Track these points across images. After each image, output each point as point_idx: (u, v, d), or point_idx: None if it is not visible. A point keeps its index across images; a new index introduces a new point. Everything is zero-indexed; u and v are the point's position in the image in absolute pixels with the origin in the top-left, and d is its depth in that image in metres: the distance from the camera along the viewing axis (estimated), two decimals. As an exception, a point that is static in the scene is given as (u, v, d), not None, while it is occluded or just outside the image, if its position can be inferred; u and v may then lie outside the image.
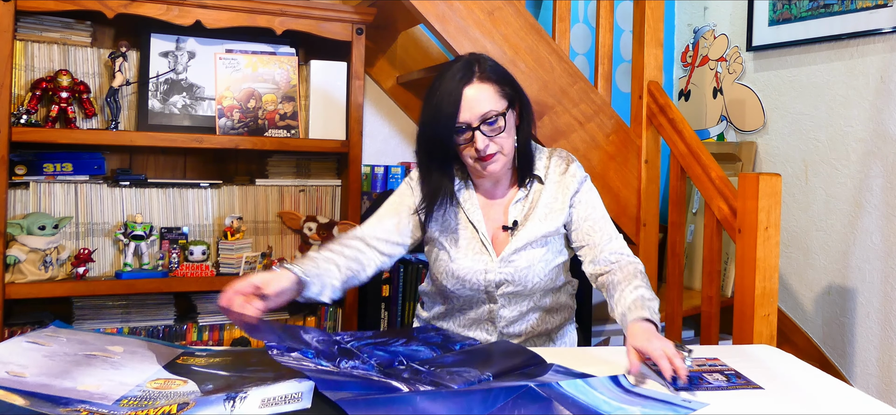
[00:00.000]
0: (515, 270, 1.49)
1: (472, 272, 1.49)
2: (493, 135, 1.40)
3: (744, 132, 2.92)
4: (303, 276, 1.34)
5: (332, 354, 1.23)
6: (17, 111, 1.91)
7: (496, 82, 1.42)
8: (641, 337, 1.23)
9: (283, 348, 1.18)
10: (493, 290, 1.50)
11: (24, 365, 1.10)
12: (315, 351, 1.22)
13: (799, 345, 2.64)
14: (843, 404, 1.16)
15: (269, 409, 0.98)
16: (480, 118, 1.39)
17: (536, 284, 1.51)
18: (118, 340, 1.32)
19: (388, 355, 1.28)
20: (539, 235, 1.49)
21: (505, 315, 1.52)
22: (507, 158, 1.46)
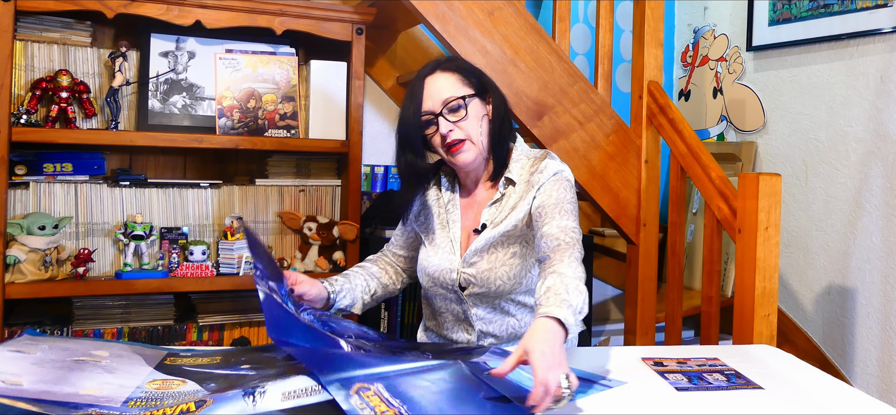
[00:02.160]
0: (477, 272, 1.48)
1: (440, 271, 1.52)
2: (457, 120, 1.44)
3: (744, 132, 2.92)
4: (330, 290, 1.50)
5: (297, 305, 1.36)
6: (17, 111, 1.91)
7: (458, 71, 1.48)
8: (537, 343, 1.08)
9: (264, 275, 1.27)
10: (459, 291, 1.51)
11: (17, 373, 1.09)
12: (287, 293, 1.36)
13: (799, 345, 2.64)
14: (843, 404, 1.16)
15: (291, 402, 0.98)
16: (443, 103, 1.44)
17: (501, 286, 1.47)
18: (98, 344, 1.32)
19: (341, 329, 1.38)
20: (499, 235, 1.47)
21: (478, 314, 1.52)
22: (477, 147, 1.47)
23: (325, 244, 2.24)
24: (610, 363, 1.33)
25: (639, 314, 2.34)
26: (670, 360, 1.34)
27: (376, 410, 1.00)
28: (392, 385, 1.09)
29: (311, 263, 2.22)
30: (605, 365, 1.33)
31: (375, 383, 1.08)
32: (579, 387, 1.11)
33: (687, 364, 1.31)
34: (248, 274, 2.11)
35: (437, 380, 1.14)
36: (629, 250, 2.37)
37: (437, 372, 1.16)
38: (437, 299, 1.57)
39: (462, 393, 1.10)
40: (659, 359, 1.34)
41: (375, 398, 1.04)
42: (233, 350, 1.36)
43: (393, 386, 1.09)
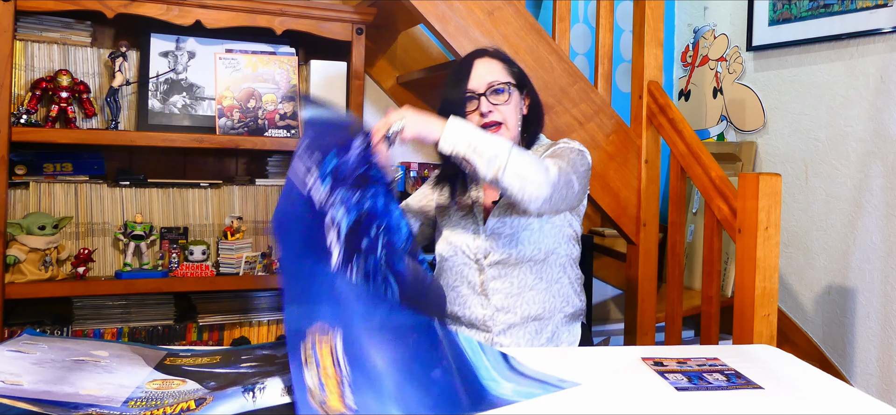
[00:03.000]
0: (501, 233, 1.54)
1: (462, 237, 1.58)
2: (498, 103, 1.54)
3: (744, 132, 2.92)
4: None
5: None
6: (17, 111, 1.91)
7: (504, 61, 1.60)
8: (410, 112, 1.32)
9: (309, 150, 1.23)
10: (481, 258, 1.55)
11: (17, 373, 1.09)
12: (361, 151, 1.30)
13: (799, 345, 2.64)
14: (843, 404, 1.16)
15: (291, 396, 0.98)
16: (487, 86, 1.53)
17: (523, 251, 1.53)
18: (98, 344, 1.32)
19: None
20: None
21: (496, 287, 1.54)
22: (511, 134, 1.56)
23: (325, 244, 2.24)
24: (610, 363, 1.33)
25: (639, 314, 2.34)
26: (670, 360, 1.34)
27: (321, 370, 0.98)
28: (350, 338, 1.05)
29: (311, 263, 2.22)
30: (605, 365, 1.33)
31: (336, 328, 1.05)
32: (528, 391, 1.12)
33: (687, 364, 1.31)
34: (248, 273, 2.12)
35: (402, 337, 1.10)
36: (629, 250, 2.37)
37: (407, 328, 1.12)
38: (453, 272, 1.60)
39: (420, 363, 1.08)
40: (659, 359, 1.34)
41: (326, 352, 1.01)
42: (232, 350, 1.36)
43: (351, 340, 1.05)
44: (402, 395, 1.03)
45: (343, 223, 1.23)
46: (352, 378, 1.01)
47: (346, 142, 1.31)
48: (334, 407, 0.97)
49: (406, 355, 1.09)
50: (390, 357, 1.07)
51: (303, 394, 0.98)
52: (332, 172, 1.25)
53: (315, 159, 1.24)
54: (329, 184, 1.24)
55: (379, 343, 1.08)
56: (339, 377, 1.01)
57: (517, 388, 1.14)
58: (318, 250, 1.18)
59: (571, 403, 1.12)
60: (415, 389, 1.05)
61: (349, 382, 1.01)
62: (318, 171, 1.23)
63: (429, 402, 1.04)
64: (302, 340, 1.03)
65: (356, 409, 0.98)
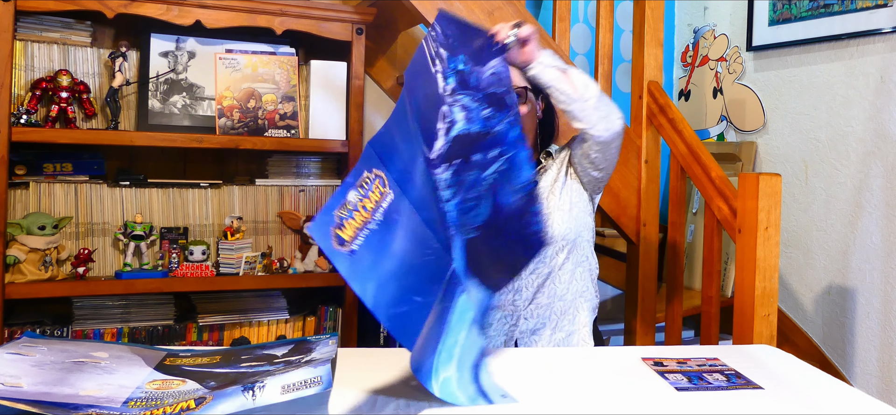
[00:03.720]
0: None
1: None
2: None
3: (744, 132, 2.92)
4: None
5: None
6: (17, 111, 1.91)
7: (521, 69, 1.59)
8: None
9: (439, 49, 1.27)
10: None
11: (17, 375, 1.09)
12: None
13: (799, 345, 2.64)
14: (843, 404, 1.16)
15: (290, 394, 0.98)
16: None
17: (555, 231, 1.57)
18: (97, 345, 1.32)
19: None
20: (549, 183, 1.61)
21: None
22: (528, 138, 1.58)
23: (325, 244, 2.24)
24: (610, 363, 1.33)
25: (639, 314, 2.34)
26: (670, 360, 1.34)
27: (362, 202, 1.17)
28: (395, 208, 1.20)
29: (311, 262, 2.22)
30: (605, 365, 1.33)
31: (393, 189, 1.20)
32: (455, 396, 1.11)
33: (687, 364, 1.31)
34: (248, 273, 2.12)
35: (422, 246, 1.20)
36: (629, 250, 2.37)
37: (432, 250, 1.21)
38: None
39: (415, 278, 1.18)
40: (659, 359, 1.34)
41: (374, 197, 1.19)
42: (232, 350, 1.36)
43: (394, 210, 1.20)
44: (385, 284, 1.15)
45: (457, 125, 1.25)
46: (372, 233, 1.13)
47: (480, 51, 1.30)
48: (345, 236, 1.12)
49: (414, 263, 1.18)
50: (404, 250, 1.17)
51: (335, 202, 1.17)
52: (459, 73, 1.27)
53: (442, 54, 1.28)
54: (453, 84, 1.27)
55: (406, 234, 1.18)
56: (366, 222, 1.11)
57: (452, 387, 1.11)
58: (423, 121, 1.25)
59: (571, 403, 1.12)
60: (395, 292, 1.15)
61: (369, 233, 1.13)
62: (442, 65, 1.27)
63: (396, 314, 1.15)
64: (371, 167, 1.18)
65: (355, 251, 1.12)
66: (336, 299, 2.30)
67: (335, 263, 1.19)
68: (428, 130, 1.24)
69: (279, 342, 1.32)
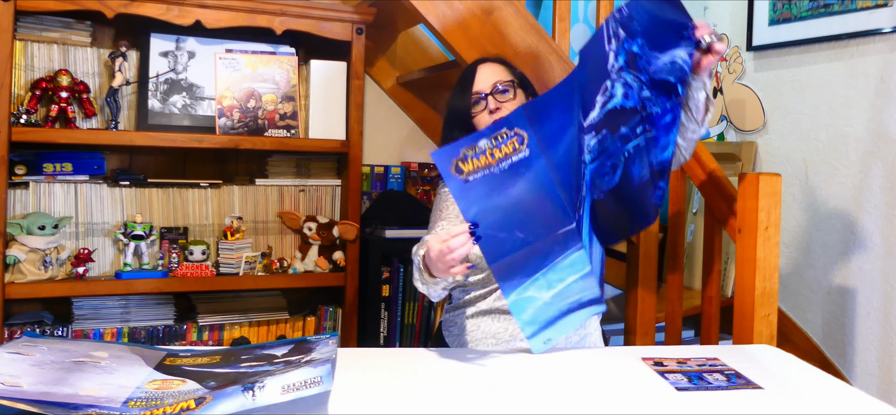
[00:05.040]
0: None
1: None
2: (504, 101, 1.60)
3: (744, 132, 2.92)
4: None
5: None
6: (17, 111, 1.91)
7: (506, 65, 1.68)
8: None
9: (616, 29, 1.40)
10: None
11: (17, 375, 1.09)
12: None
13: (799, 345, 2.64)
14: (843, 404, 1.16)
15: (290, 394, 0.98)
16: (492, 86, 1.60)
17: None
18: (97, 345, 1.32)
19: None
20: None
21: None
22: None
23: (324, 244, 2.24)
24: (610, 363, 1.33)
25: (639, 314, 2.34)
26: (670, 360, 1.34)
27: (497, 140, 1.31)
28: (533, 161, 1.34)
29: (311, 262, 2.22)
30: (605, 365, 1.33)
31: (528, 141, 1.33)
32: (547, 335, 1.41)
33: (687, 364, 1.31)
34: (248, 273, 2.12)
35: (548, 196, 1.37)
36: (629, 250, 2.37)
37: (556, 202, 1.38)
38: (484, 273, 1.58)
39: (527, 218, 1.36)
40: (659, 359, 1.34)
41: (512, 143, 1.33)
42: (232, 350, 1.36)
43: (531, 161, 1.34)
44: (490, 211, 1.29)
45: (614, 99, 1.40)
46: (492, 175, 1.28)
47: (667, 35, 1.40)
48: (464, 168, 1.27)
49: (527, 207, 1.33)
50: (521, 195, 1.32)
51: (466, 142, 1.28)
52: (630, 54, 1.38)
53: (620, 34, 1.38)
54: (622, 62, 1.39)
55: (529, 186, 1.32)
56: (489, 166, 1.28)
57: (533, 305, 1.38)
58: (585, 93, 1.38)
59: (571, 403, 1.12)
60: (499, 219, 1.31)
61: (488, 174, 1.28)
62: (617, 43, 1.38)
63: (494, 236, 1.30)
64: (513, 126, 1.30)
65: (469, 181, 1.28)
66: (336, 299, 2.30)
67: (448, 182, 1.29)
68: (587, 102, 1.39)
69: (279, 342, 1.32)
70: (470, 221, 1.29)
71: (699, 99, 1.49)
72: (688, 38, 1.40)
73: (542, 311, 1.39)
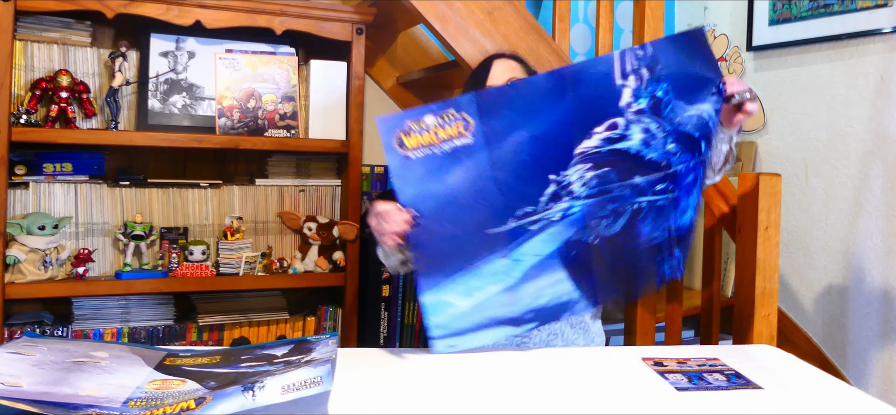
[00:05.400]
0: None
1: None
2: None
3: (744, 132, 2.92)
4: None
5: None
6: (17, 111, 1.91)
7: (520, 62, 1.66)
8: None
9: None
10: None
11: (17, 375, 1.09)
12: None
13: (799, 345, 2.64)
14: (843, 404, 1.16)
15: (291, 395, 0.98)
16: (506, 82, 1.57)
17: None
18: (97, 345, 1.32)
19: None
20: None
21: None
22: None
23: (325, 244, 2.24)
24: (610, 363, 1.33)
25: (639, 314, 2.34)
26: (670, 360, 1.34)
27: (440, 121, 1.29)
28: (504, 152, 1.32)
29: (311, 262, 2.22)
30: (605, 365, 1.33)
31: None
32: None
33: (687, 364, 1.31)
34: (248, 274, 2.12)
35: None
36: (629, 250, 2.37)
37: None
38: None
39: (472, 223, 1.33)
40: (659, 359, 1.34)
41: (454, 126, 1.31)
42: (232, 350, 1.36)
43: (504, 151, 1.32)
44: (425, 197, 1.29)
45: (628, 142, 1.33)
46: (434, 156, 1.28)
47: (695, 87, 1.33)
48: (407, 142, 1.27)
49: (462, 200, 1.30)
50: (458, 185, 1.29)
51: (412, 114, 1.28)
52: (655, 99, 1.32)
53: (642, 74, 1.31)
54: (644, 105, 1.32)
55: (467, 176, 1.29)
56: (432, 144, 1.28)
57: (447, 311, 1.35)
58: (577, 116, 1.32)
59: (571, 403, 1.12)
60: (432, 208, 1.29)
61: (431, 154, 1.28)
62: (637, 82, 1.31)
63: (424, 226, 1.29)
64: (461, 109, 1.28)
65: (411, 159, 1.27)
66: (336, 299, 2.30)
67: (388, 157, 1.28)
68: (580, 127, 1.32)
69: (279, 342, 1.32)
70: (405, 205, 1.28)
71: (722, 150, 1.44)
72: (717, 93, 1.34)
73: (458, 320, 1.34)
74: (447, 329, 1.34)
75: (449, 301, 1.32)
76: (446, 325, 1.34)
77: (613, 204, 1.35)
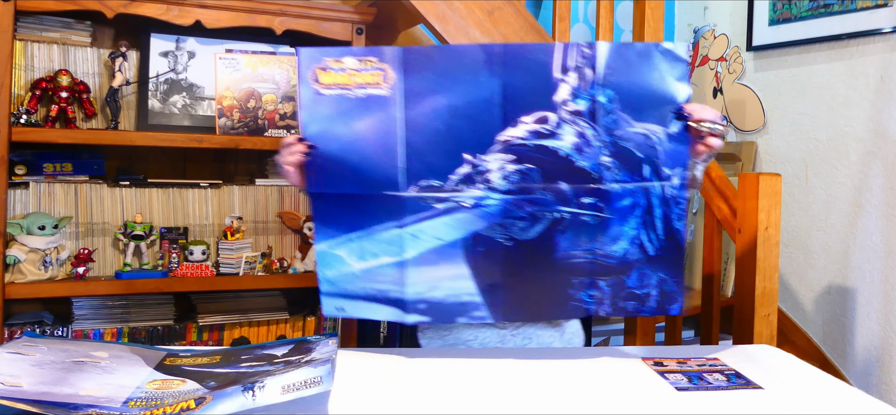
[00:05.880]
0: None
1: None
2: None
3: (744, 132, 2.92)
4: None
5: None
6: (17, 111, 1.91)
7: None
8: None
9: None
10: None
11: (17, 375, 1.09)
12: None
13: (799, 345, 2.64)
14: (843, 404, 1.16)
15: (290, 395, 0.98)
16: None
17: None
18: (97, 345, 1.32)
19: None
20: None
21: None
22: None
23: (325, 244, 2.24)
24: (610, 363, 1.33)
25: (639, 314, 2.34)
26: (670, 360, 1.34)
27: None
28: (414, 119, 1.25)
29: (311, 262, 2.22)
30: (605, 365, 1.33)
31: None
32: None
33: (687, 364, 1.31)
34: (248, 274, 2.11)
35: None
36: (629, 250, 2.37)
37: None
38: None
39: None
40: (659, 359, 1.34)
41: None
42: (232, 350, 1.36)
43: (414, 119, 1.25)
44: (330, 139, 1.25)
45: (557, 141, 1.23)
46: (346, 98, 1.25)
47: (648, 112, 1.23)
48: (322, 79, 1.24)
49: (365, 152, 1.25)
50: (364, 134, 1.24)
51: (334, 52, 1.24)
52: (596, 103, 1.22)
53: (586, 74, 1.22)
54: (582, 107, 1.23)
55: (376, 126, 1.24)
56: (346, 86, 1.24)
57: (339, 268, 1.31)
58: (506, 98, 1.23)
59: (571, 403, 1.12)
60: (334, 151, 1.26)
61: (343, 95, 1.24)
62: (578, 81, 1.22)
63: (325, 167, 1.27)
64: (384, 60, 1.23)
65: (323, 95, 1.25)
66: (336, 299, 2.30)
67: (300, 88, 1.24)
68: (507, 111, 1.23)
69: (279, 342, 1.32)
70: (308, 138, 1.25)
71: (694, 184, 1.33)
72: (680, 118, 1.22)
73: (348, 281, 1.30)
74: (336, 288, 1.30)
75: (342, 256, 1.29)
76: (336, 282, 1.30)
77: (532, 207, 1.26)
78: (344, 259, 1.29)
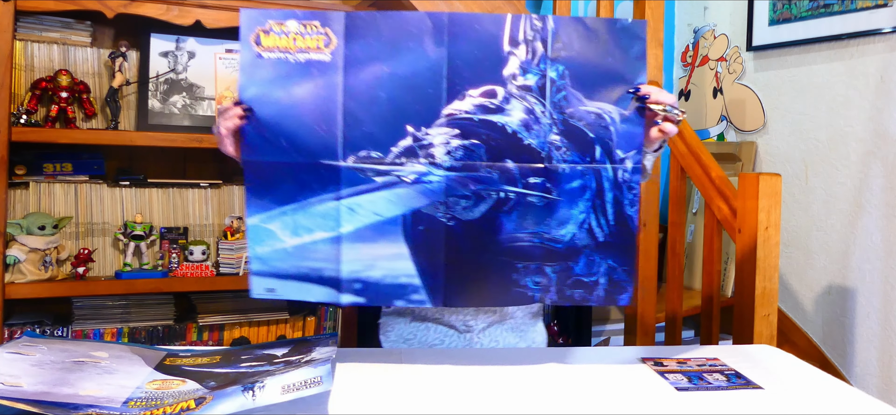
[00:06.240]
0: None
1: None
2: None
3: (744, 132, 2.92)
4: None
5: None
6: (17, 111, 1.91)
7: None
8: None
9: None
10: None
11: (17, 375, 1.09)
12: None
13: (799, 345, 2.64)
14: (843, 404, 1.16)
15: (291, 395, 0.98)
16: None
17: None
18: (97, 345, 1.32)
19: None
20: None
21: None
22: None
23: (325, 244, 2.24)
24: (610, 363, 1.33)
25: (639, 314, 2.34)
26: (670, 360, 1.34)
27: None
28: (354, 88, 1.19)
29: (311, 263, 2.22)
30: (605, 365, 1.33)
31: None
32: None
33: (687, 364, 1.31)
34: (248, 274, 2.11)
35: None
36: (629, 250, 2.37)
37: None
38: None
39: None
40: (659, 359, 1.34)
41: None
42: (232, 350, 1.36)
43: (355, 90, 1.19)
44: (268, 103, 1.18)
45: (504, 116, 1.19)
46: (286, 62, 1.19)
47: (600, 91, 1.19)
48: (263, 42, 1.18)
49: (303, 119, 1.19)
50: (302, 99, 1.19)
51: (277, 15, 1.18)
52: (545, 78, 1.18)
53: (536, 47, 1.19)
54: (531, 82, 1.19)
55: (315, 91, 1.19)
56: (287, 50, 1.19)
57: (270, 242, 1.24)
58: (452, 71, 1.19)
59: (571, 403, 1.12)
60: (271, 115, 1.19)
61: (284, 58, 1.19)
62: (527, 54, 1.19)
63: (260, 135, 1.19)
64: (328, 25, 1.19)
65: (263, 58, 1.18)
66: (336, 299, 2.30)
67: (242, 50, 1.18)
68: (453, 84, 1.18)
69: (279, 342, 1.32)
70: (245, 102, 1.18)
71: (648, 166, 1.30)
72: (636, 99, 1.19)
73: (280, 258, 1.22)
74: (267, 266, 1.22)
75: (274, 231, 1.21)
76: (267, 260, 1.22)
77: (477, 185, 1.20)
78: (276, 234, 1.21)
